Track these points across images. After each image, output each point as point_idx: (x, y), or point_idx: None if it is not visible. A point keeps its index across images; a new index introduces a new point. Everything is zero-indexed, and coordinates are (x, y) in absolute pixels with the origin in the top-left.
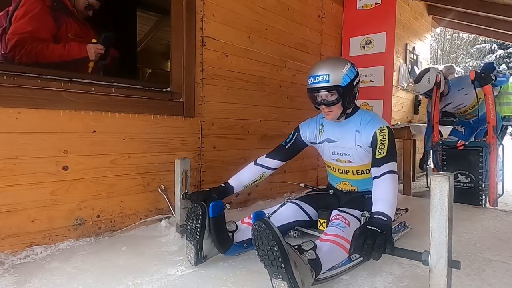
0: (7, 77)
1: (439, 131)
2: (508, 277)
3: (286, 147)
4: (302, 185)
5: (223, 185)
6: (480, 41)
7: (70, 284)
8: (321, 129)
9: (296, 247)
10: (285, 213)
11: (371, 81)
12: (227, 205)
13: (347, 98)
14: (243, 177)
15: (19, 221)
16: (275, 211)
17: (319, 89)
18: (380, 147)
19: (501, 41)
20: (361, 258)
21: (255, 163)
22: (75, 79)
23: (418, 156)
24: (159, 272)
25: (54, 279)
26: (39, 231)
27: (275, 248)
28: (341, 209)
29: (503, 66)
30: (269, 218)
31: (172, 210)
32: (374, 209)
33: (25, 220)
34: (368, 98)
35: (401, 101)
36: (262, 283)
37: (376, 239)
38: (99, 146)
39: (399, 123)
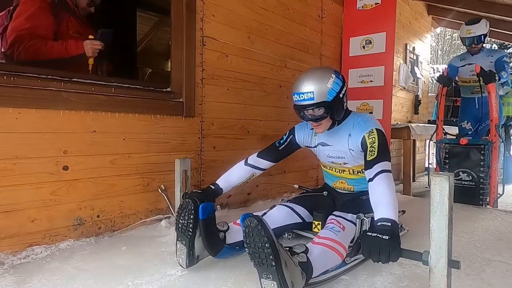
0: (7, 77)
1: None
2: (508, 277)
3: (280, 148)
4: (296, 186)
5: (212, 187)
6: None
7: (70, 284)
8: (315, 133)
9: (287, 248)
10: (277, 216)
11: (371, 81)
12: (217, 206)
13: (334, 111)
14: (232, 178)
15: (19, 221)
16: (265, 213)
17: (305, 107)
18: (371, 149)
19: (501, 41)
20: (357, 261)
21: (246, 163)
22: (75, 79)
23: (418, 156)
24: (159, 272)
25: (54, 279)
26: (39, 231)
27: (266, 245)
28: (337, 213)
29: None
30: None
31: (172, 210)
32: (376, 216)
33: (25, 220)
34: (368, 98)
35: (401, 101)
36: None
37: (380, 246)
38: (99, 146)
39: (399, 123)
